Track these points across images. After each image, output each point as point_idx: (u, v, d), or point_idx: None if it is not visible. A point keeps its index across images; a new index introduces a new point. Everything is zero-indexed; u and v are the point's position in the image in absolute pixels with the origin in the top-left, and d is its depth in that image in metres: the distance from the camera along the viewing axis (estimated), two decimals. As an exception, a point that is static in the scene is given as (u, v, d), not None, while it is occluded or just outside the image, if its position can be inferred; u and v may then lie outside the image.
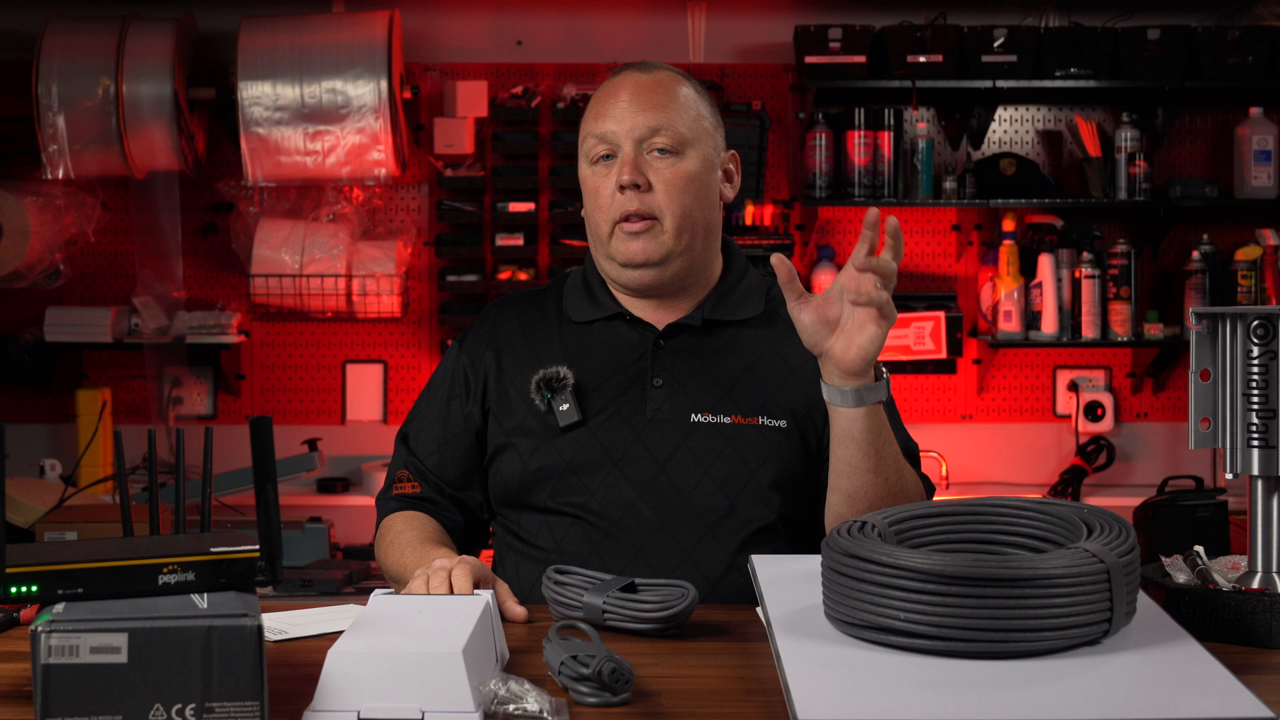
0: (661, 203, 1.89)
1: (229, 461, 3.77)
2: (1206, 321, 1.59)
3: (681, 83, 1.95)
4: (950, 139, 4.30)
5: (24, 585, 1.26)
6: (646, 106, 1.90)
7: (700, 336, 1.94)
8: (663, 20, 4.29)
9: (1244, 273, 4.15)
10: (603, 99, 1.93)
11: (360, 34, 3.98)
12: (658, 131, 1.89)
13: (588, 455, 1.88)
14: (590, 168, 1.93)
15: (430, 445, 1.99)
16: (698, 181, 1.91)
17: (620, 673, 1.32)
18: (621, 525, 1.86)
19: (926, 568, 1.30)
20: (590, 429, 1.89)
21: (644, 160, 1.89)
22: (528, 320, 2.00)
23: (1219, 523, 3.76)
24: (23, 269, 4.06)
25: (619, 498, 1.86)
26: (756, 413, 1.89)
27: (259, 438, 1.29)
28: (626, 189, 1.88)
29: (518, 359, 1.96)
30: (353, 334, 4.32)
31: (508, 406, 1.94)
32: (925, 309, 4.20)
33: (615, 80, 1.94)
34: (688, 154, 1.91)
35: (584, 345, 1.95)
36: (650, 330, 1.95)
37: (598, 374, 1.92)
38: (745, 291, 1.99)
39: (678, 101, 1.92)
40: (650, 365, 1.92)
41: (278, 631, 1.59)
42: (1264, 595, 1.53)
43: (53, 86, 3.94)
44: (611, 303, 1.97)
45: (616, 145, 1.90)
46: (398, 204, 4.30)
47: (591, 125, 1.93)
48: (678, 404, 1.89)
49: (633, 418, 1.89)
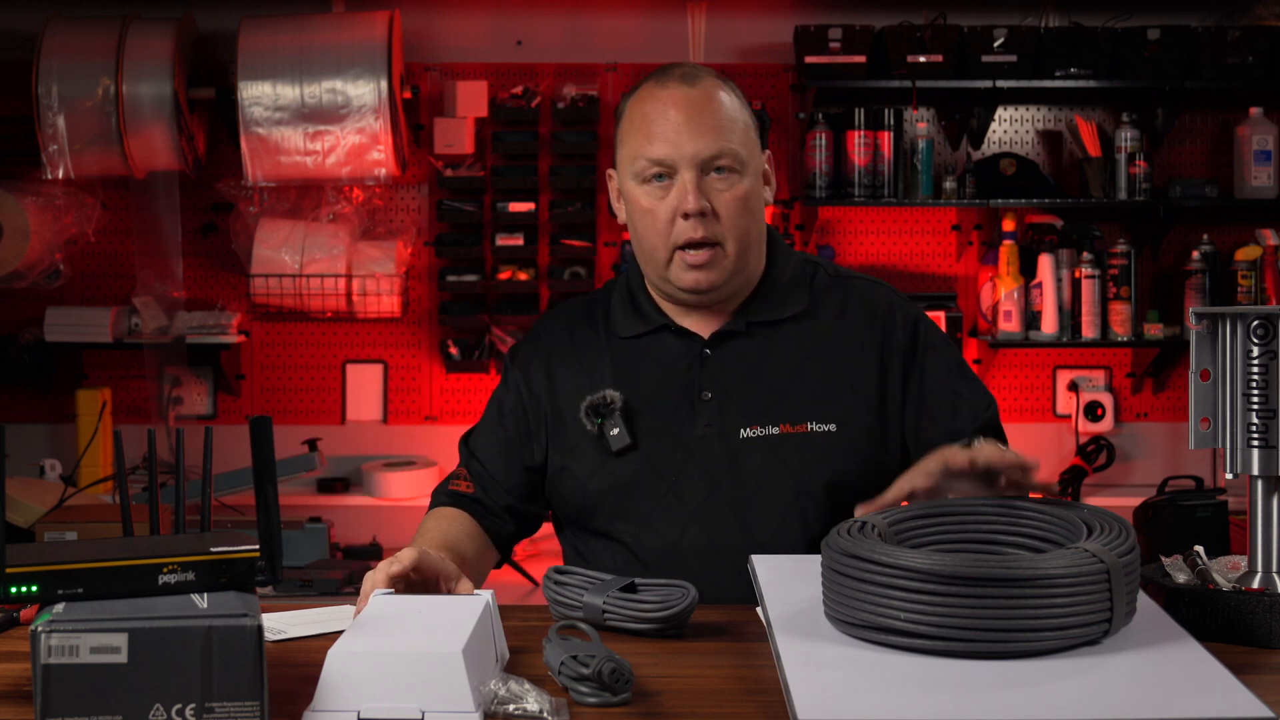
0: (725, 229, 1.87)
1: (229, 461, 3.76)
2: (1206, 321, 1.59)
3: (727, 92, 1.91)
4: (950, 139, 4.30)
5: (24, 585, 1.26)
6: (703, 130, 1.85)
7: (746, 340, 1.92)
8: (663, 20, 4.28)
9: (1244, 273, 4.15)
10: (651, 116, 1.87)
11: (360, 34, 3.98)
12: (719, 156, 1.86)
13: (642, 478, 1.88)
14: (640, 186, 1.88)
15: (489, 451, 1.98)
16: (754, 198, 1.90)
17: (620, 673, 1.32)
18: (678, 551, 1.86)
19: (926, 568, 1.30)
20: (644, 452, 1.88)
21: (705, 184, 1.86)
22: (577, 336, 1.98)
23: (1219, 523, 3.76)
24: (23, 269, 4.06)
25: (673, 522, 1.86)
26: (805, 419, 1.87)
27: (259, 438, 1.29)
28: (691, 216, 1.85)
29: (569, 379, 1.94)
30: (353, 334, 4.32)
31: (563, 428, 1.93)
32: (925, 309, 4.18)
33: (661, 94, 1.88)
34: (745, 173, 1.89)
35: (632, 361, 1.93)
36: (696, 340, 1.93)
37: (647, 392, 1.90)
38: (788, 287, 1.96)
39: (730, 118, 1.88)
40: (699, 378, 1.90)
41: (278, 631, 1.59)
42: (1264, 595, 1.53)
43: (53, 86, 3.93)
44: (656, 314, 1.95)
45: (675, 168, 1.86)
46: (398, 204, 4.30)
47: (643, 146, 1.87)
48: (728, 418, 1.88)
49: (684, 436, 1.88)
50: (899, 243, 4.33)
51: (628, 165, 1.90)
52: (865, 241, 4.33)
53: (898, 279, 4.32)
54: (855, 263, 4.31)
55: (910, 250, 4.33)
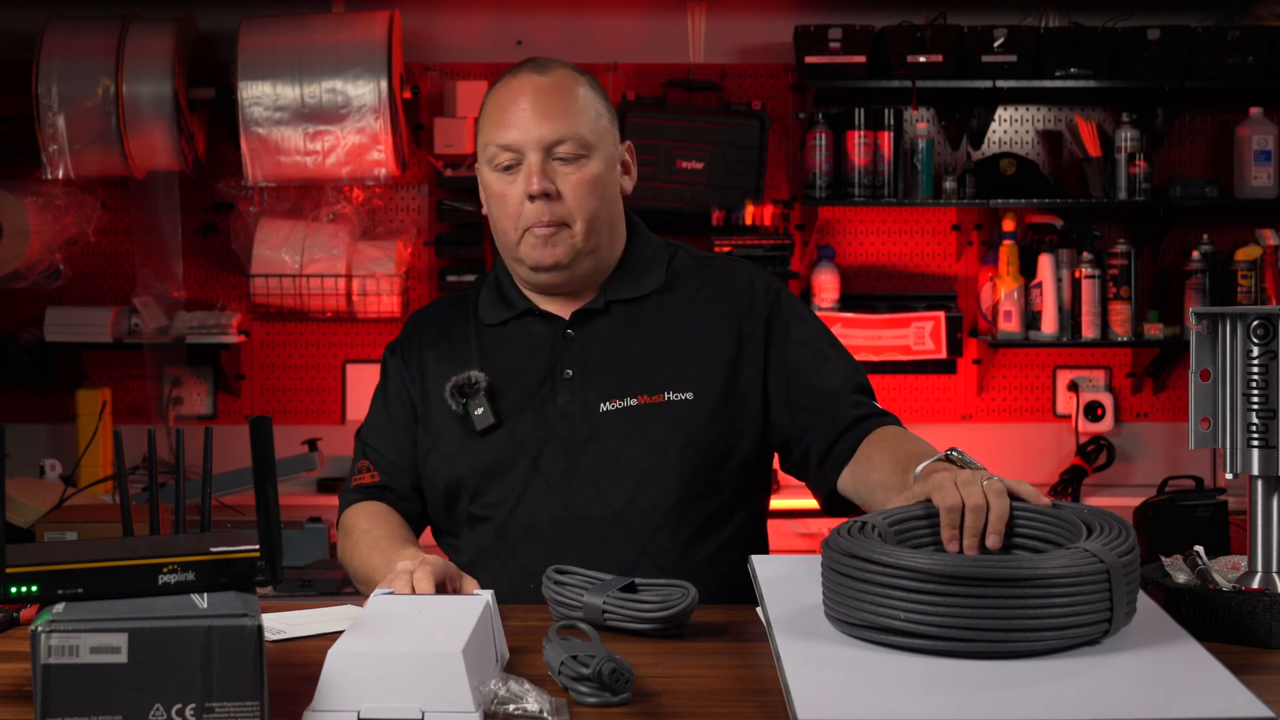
0: (571, 209, 1.91)
1: (229, 461, 3.77)
2: (1206, 321, 1.59)
3: (579, 82, 1.95)
4: (950, 139, 4.30)
5: (24, 585, 1.26)
6: (549, 114, 1.90)
7: (605, 318, 1.97)
8: (663, 20, 4.28)
9: (1244, 273, 4.15)
10: (502, 104, 1.93)
11: (360, 34, 3.98)
12: (563, 140, 1.90)
13: (506, 455, 1.91)
14: (494, 174, 1.94)
15: (382, 437, 2.03)
16: (602, 183, 1.93)
17: (620, 673, 1.32)
18: (535, 527, 1.89)
19: (926, 568, 1.30)
20: (507, 430, 1.92)
21: (550, 168, 1.90)
22: (447, 325, 2.04)
23: (1219, 523, 3.76)
24: (23, 269, 4.06)
25: (536, 498, 1.89)
26: (662, 389, 1.91)
27: (259, 438, 1.29)
28: (536, 199, 1.89)
29: (439, 364, 1.99)
30: (353, 334, 4.32)
31: (430, 411, 1.98)
32: (925, 309, 4.20)
33: (513, 84, 1.93)
34: (592, 157, 1.92)
35: (498, 346, 1.98)
36: (559, 322, 1.98)
37: (511, 373, 1.95)
38: (645, 266, 2.01)
39: (579, 104, 1.92)
40: (561, 357, 1.95)
41: (277, 631, 1.59)
42: (1264, 595, 1.53)
43: (53, 86, 3.93)
44: (521, 299, 2.00)
45: (521, 153, 1.90)
46: (398, 204, 4.30)
47: (493, 133, 1.92)
48: (588, 394, 1.92)
49: (546, 414, 1.92)
50: (899, 243, 4.33)
51: (482, 153, 1.95)
52: (865, 241, 4.33)
53: (898, 279, 4.33)
54: (855, 263, 4.31)
55: (910, 250, 4.33)
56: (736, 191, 4.09)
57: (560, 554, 1.84)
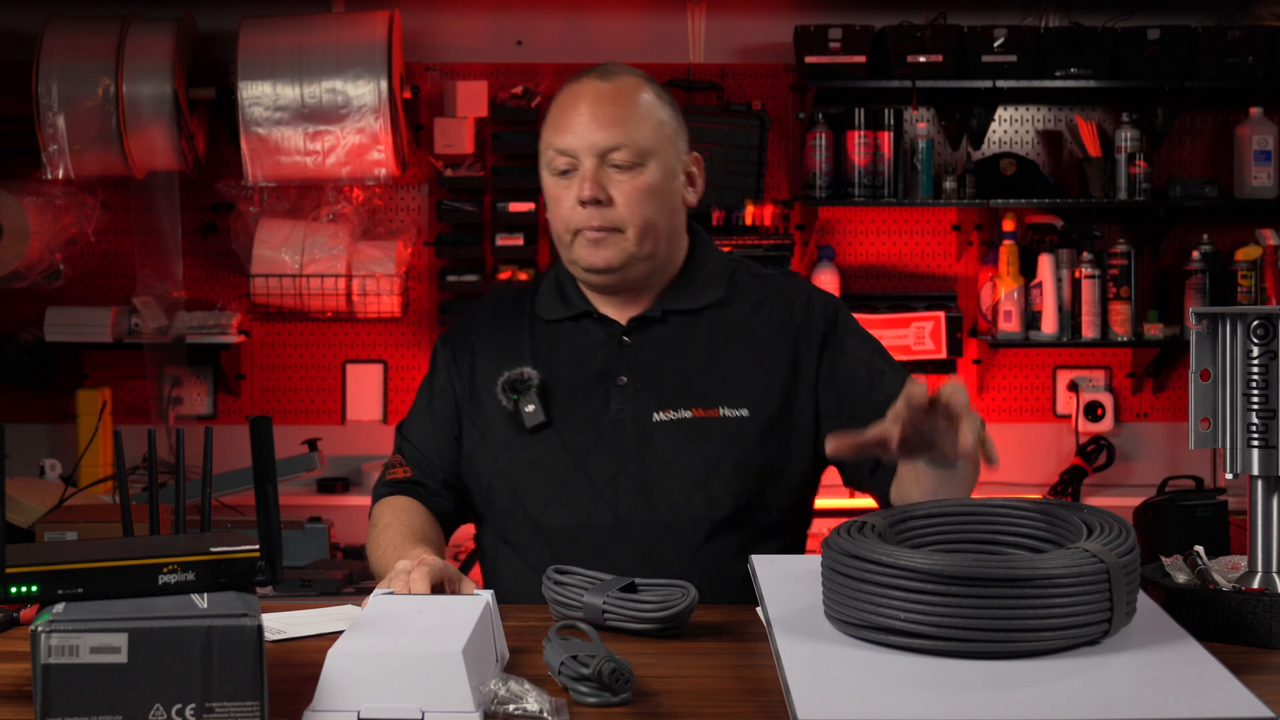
0: (623, 215, 1.91)
1: (229, 461, 3.76)
2: (1206, 321, 1.59)
3: (642, 89, 1.94)
4: (950, 139, 4.30)
5: (24, 585, 1.26)
6: (606, 120, 1.90)
7: (664, 329, 1.97)
8: (663, 20, 4.28)
9: (1244, 273, 4.15)
10: (563, 109, 1.93)
11: (360, 34, 3.98)
12: (617, 147, 1.90)
13: (553, 455, 1.91)
14: (552, 178, 1.94)
15: (421, 432, 2.03)
16: (659, 191, 1.93)
17: (620, 673, 1.32)
18: (580, 531, 1.89)
19: (926, 568, 1.30)
20: (556, 430, 1.92)
21: (604, 174, 1.90)
22: (502, 319, 2.03)
23: (1219, 523, 3.76)
24: (23, 269, 4.06)
25: (582, 501, 1.89)
26: (717, 404, 1.91)
27: (259, 438, 1.29)
28: (587, 204, 1.90)
29: (489, 358, 1.99)
30: (353, 334, 4.32)
31: (479, 405, 1.98)
32: (925, 309, 4.20)
33: (575, 89, 1.94)
34: (648, 165, 1.92)
35: (553, 344, 1.98)
36: (616, 327, 1.97)
37: (564, 373, 1.95)
38: (707, 278, 2.01)
39: (638, 112, 1.92)
40: (616, 363, 1.94)
41: (277, 631, 1.59)
42: (1264, 595, 1.53)
43: (53, 86, 3.93)
44: (580, 300, 2.00)
45: (577, 159, 1.91)
46: (398, 204, 4.30)
47: (552, 137, 1.93)
48: (642, 402, 1.92)
49: (597, 419, 1.92)
50: (899, 243, 4.33)
51: (542, 155, 1.96)
52: (865, 241, 4.33)
53: (898, 279, 4.33)
54: (855, 263, 4.31)
55: (910, 250, 4.33)
56: (736, 191, 4.09)
57: (604, 557, 1.85)
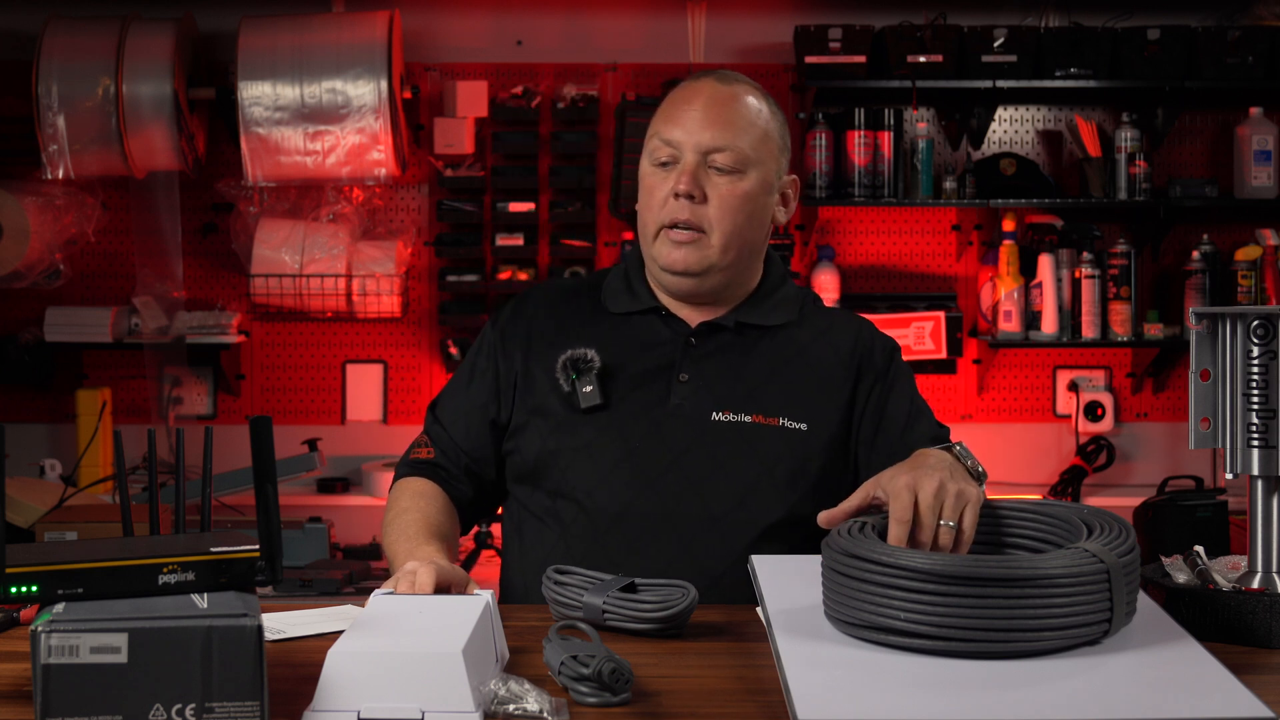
0: (713, 217, 1.92)
1: (229, 461, 3.76)
2: (1206, 321, 1.59)
3: (757, 101, 1.97)
4: (950, 139, 4.30)
5: (24, 585, 1.26)
6: (716, 121, 1.92)
7: (732, 337, 1.97)
8: (663, 20, 4.28)
9: (1244, 273, 4.15)
10: (677, 102, 1.95)
11: (360, 34, 3.98)
12: (722, 149, 1.91)
13: (606, 438, 1.90)
14: (651, 167, 1.95)
15: (452, 415, 2.02)
16: (752, 202, 1.94)
17: (620, 673, 1.32)
18: (625, 516, 1.87)
19: (926, 568, 1.30)
20: (611, 414, 1.91)
21: (704, 173, 1.92)
22: (564, 305, 2.03)
23: (1219, 523, 3.76)
24: (23, 269, 4.06)
25: (630, 487, 1.88)
26: (778, 414, 1.92)
27: (259, 438, 1.29)
28: (681, 197, 1.90)
29: (547, 341, 1.98)
30: (353, 334, 4.32)
31: (532, 385, 1.96)
32: (925, 309, 4.20)
33: (694, 85, 1.96)
34: (748, 174, 1.93)
35: (616, 334, 1.98)
36: (683, 326, 1.97)
37: (625, 361, 1.94)
38: (780, 300, 2.02)
39: (748, 120, 1.94)
40: (680, 360, 1.94)
41: (277, 631, 1.59)
42: (1264, 595, 1.53)
43: (53, 86, 3.93)
44: (649, 297, 2.00)
45: (680, 153, 1.92)
46: (398, 204, 4.30)
47: (661, 127, 1.95)
48: (701, 400, 1.91)
49: (654, 409, 1.91)
50: (899, 243, 4.33)
51: (646, 144, 1.97)
52: (865, 241, 4.33)
53: (898, 279, 4.33)
54: (855, 263, 4.31)
55: (910, 250, 4.33)
56: (736, 191, 4.09)
57: (644, 545, 1.84)
